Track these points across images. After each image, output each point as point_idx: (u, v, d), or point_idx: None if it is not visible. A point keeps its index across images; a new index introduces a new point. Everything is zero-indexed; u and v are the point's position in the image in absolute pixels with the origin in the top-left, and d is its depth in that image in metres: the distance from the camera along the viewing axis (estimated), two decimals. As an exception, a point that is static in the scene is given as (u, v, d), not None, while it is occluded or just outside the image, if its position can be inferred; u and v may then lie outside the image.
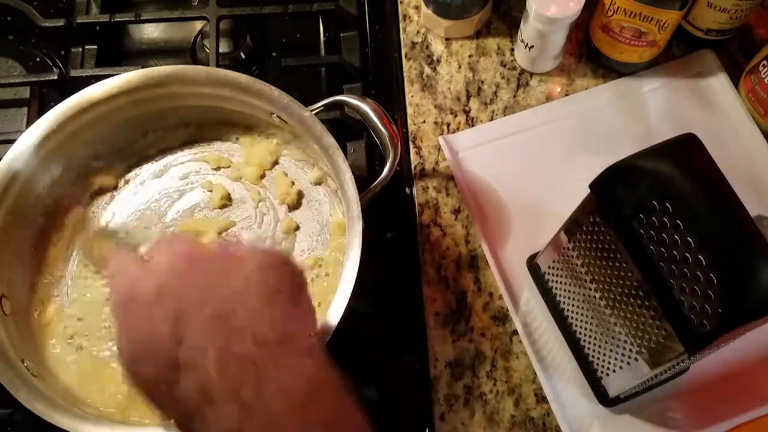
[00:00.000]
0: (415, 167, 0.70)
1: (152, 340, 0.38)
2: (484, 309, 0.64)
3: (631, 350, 0.52)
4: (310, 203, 0.64)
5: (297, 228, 0.63)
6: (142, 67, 0.62)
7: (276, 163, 0.66)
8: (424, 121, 0.72)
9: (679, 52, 0.74)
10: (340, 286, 0.53)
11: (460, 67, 0.74)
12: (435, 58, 0.75)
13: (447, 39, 0.75)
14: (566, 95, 0.72)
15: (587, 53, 0.74)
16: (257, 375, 0.37)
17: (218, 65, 0.71)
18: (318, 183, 0.64)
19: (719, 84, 0.71)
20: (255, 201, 0.64)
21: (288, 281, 0.41)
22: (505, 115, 0.72)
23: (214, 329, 0.37)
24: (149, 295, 0.39)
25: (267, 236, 0.63)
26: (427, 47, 0.75)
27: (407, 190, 0.69)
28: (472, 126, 0.71)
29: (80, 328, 0.60)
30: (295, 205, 0.64)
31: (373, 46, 0.76)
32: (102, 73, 0.68)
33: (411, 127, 0.72)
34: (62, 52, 0.77)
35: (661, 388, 0.59)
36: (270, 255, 0.41)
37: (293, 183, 0.64)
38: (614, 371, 0.56)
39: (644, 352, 0.50)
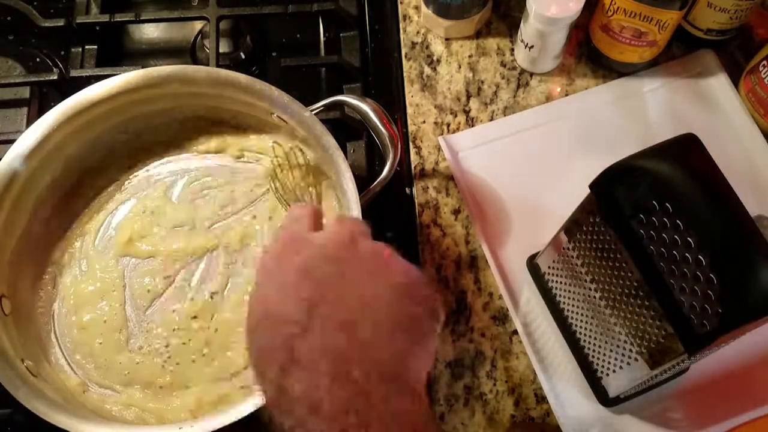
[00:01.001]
0: (415, 167, 0.70)
1: (279, 316, 0.38)
2: (484, 309, 0.64)
3: (631, 350, 0.52)
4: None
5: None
6: (142, 67, 0.62)
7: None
8: (424, 121, 0.72)
9: (679, 52, 0.74)
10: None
11: (460, 67, 0.74)
12: (435, 58, 0.75)
13: (447, 39, 0.75)
14: (566, 95, 0.72)
15: (587, 53, 0.74)
16: (365, 407, 0.35)
17: (218, 65, 0.71)
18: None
19: (719, 84, 0.71)
20: (253, 199, 0.64)
21: (427, 312, 0.40)
22: (505, 115, 0.72)
23: (340, 337, 0.37)
24: (296, 269, 0.39)
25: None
26: (427, 47, 0.75)
27: (407, 190, 0.69)
28: (472, 126, 0.71)
29: (80, 328, 0.60)
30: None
31: (373, 46, 0.76)
32: (102, 73, 0.68)
33: (411, 127, 0.72)
34: (62, 52, 0.77)
35: (661, 388, 0.59)
36: (419, 276, 0.41)
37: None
38: (614, 371, 0.56)
39: (644, 352, 0.50)
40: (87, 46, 0.76)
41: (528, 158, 0.69)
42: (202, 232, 0.63)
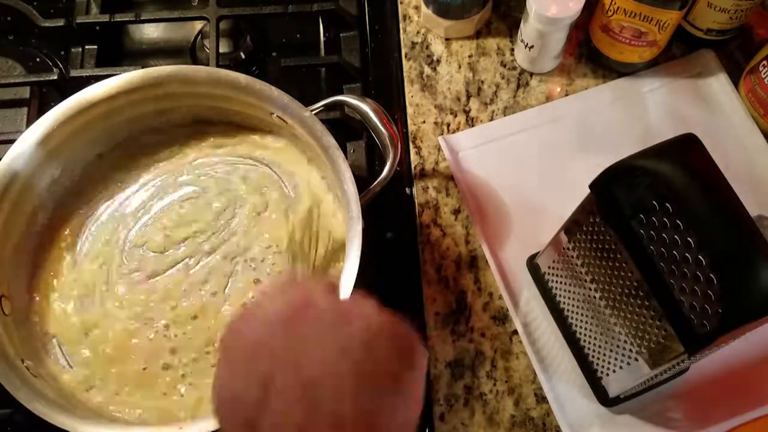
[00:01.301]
0: (415, 167, 0.70)
1: (237, 397, 0.37)
2: (484, 309, 0.64)
3: (631, 350, 0.52)
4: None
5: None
6: (142, 67, 0.62)
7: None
8: (424, 121, 0.72)
9: (679, 52, 0.74)
10: (340, 286, 0.53)
11: (460, 67, 0.74)
12: (435, 58, 0.75)
13: (447, 39, 0.75)
14: (566, 95, 0.72)
15: (587, 53, 0.74)
16: None
17: (218, 65, 0.71)
18: None
19: (719, 84, 0.71)
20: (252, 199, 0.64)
21: (400, 358, 0.37)
22: (505, 115, 0.72)
23: (299, 408, 0.35)
24: (251, 344, 0.38)
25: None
26: (427, 47, 0.75)
27: (407, 190, 0.69)
28: (472, 126, 0.71)
29: (80, 328, 0.60)
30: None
31: (373, 46, 0.76)
32: (102, 73, 0.68)
33: (411, 127, 0.72)
34: (62, 52, 0.77)
35: (661, 388, 0.59)
36: (386, 321, 0.37)
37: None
38: (614, 371, 0.56)
39: (644, 352, 0.50)
40: (87, 46, 0.76)
41: (528, 158, 0.69)
42: (203, 232, 0.63)
